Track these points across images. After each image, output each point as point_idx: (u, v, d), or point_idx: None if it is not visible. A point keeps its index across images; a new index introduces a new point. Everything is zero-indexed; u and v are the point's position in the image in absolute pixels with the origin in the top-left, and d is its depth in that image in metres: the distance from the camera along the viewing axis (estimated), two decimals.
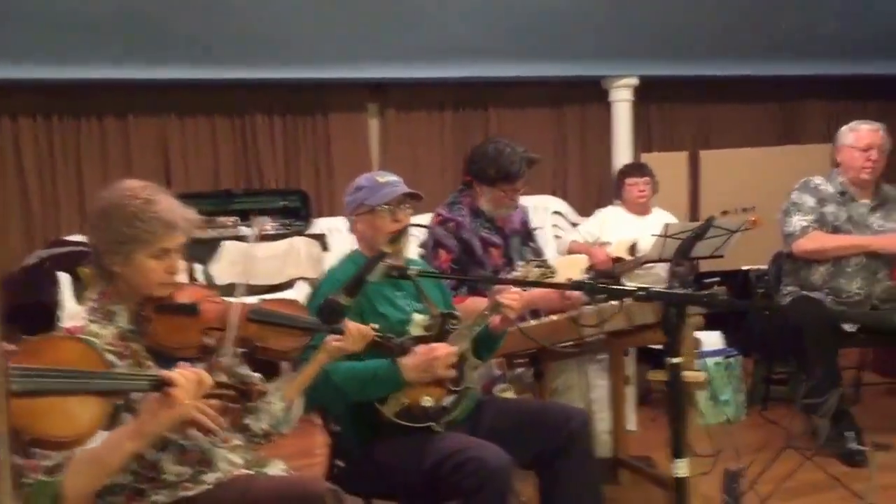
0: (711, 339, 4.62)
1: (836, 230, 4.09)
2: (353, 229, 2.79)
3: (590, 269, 5.20)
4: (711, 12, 6.09)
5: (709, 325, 3.91)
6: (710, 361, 4.60)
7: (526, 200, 6.32)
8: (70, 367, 1.69)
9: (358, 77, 5.80)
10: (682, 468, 1.65)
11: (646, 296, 1.79)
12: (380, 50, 5.62)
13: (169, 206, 2.05)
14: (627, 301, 3.15)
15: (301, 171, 5.79)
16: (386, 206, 2.68)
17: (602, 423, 3.79)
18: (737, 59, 6.65)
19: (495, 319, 2.69)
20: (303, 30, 5.29)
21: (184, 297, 2.12)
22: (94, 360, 1.77)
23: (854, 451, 3.82)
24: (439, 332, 2.62)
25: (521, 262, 2.87)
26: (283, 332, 2.19)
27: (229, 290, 5.23)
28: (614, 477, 3.67)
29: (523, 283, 2.76)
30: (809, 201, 4.11)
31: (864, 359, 4.84)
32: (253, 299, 2.37)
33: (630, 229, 5.27)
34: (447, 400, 2.57)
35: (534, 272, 2.78)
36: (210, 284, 4.92)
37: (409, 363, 2.48)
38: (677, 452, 1.65)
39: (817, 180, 4.19)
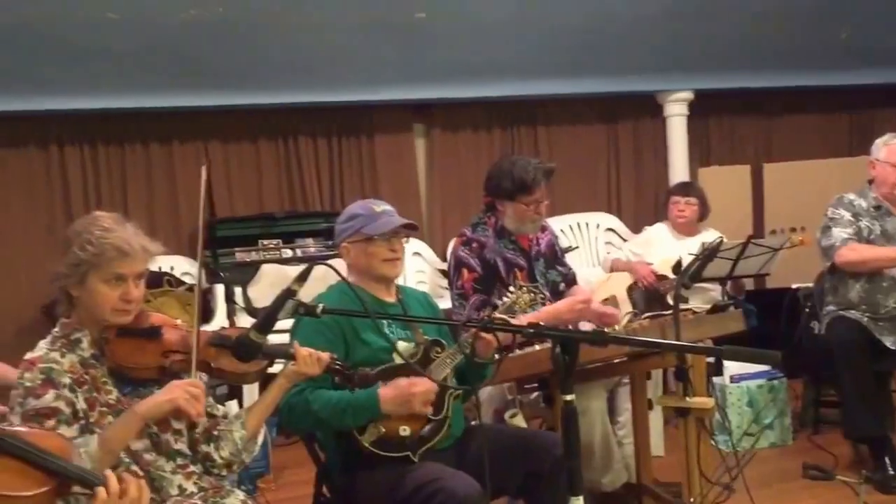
0: None
1: (870, 245, 4.01)
2: (343, 256, 2.79)
3: (633, 286, 5.09)
4: (769, 23, 5.90)
5: (757, 346, 3.76)
6: (752, 384, 4.44)
7: (579, 217, 6.33)
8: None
9: (403, 98, 5.81)
10: None
11: (535, 333, 1.71)
12: (424, 70, 5.61)
13: (125, 234, 2.11)
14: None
15: (346, 193, 5.80)
16: (383, 236, 2.69)
17: (630, 447, 3.69)
18: (798, 70, 6.43)
19: (480, 348, 2.63)
20: (345, 53, 5.32)
21: (147, 323, 2.19)
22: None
23: (889, 478, 3.68)
24: (422, 360, 2.59)
25: (511, 288, 2.81)
26: None
27: None
28: None
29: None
30: (846, 215, 4.07)
31: None
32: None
33: (675, 249, 5.13)
34: (426, 429, 2.53)
35: (524, 298, 2.74)
36: (249, 307, 4.99)
37: (388, 395, 2.47)
38: (573, 489, 1.57)
39: (851, 196, 4.15)
